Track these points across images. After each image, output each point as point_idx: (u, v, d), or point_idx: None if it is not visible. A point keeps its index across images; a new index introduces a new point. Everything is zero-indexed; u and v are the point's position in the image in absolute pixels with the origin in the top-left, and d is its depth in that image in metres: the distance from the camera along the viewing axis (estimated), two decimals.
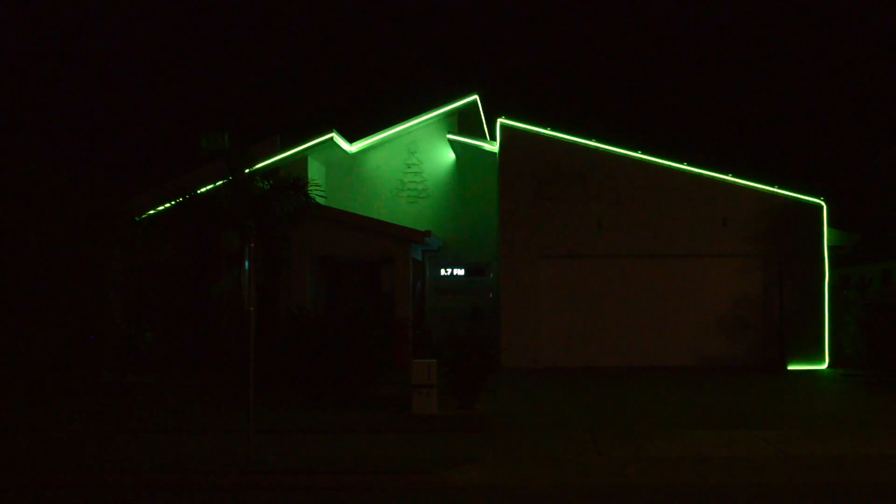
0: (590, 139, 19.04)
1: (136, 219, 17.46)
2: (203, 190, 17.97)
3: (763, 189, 18.80)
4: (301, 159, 20.65)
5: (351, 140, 22.14)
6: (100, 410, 13.64)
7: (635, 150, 18.98)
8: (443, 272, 22.10)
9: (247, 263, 10.49)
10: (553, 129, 19.13)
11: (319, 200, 18.63)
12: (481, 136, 21.94)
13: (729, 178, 18.83)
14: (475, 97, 22.19)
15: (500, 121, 19.21)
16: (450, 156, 22.05)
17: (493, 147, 20.41)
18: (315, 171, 20.84)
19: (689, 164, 18.97)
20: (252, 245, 10.56)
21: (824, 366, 18.28)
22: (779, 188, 18.84)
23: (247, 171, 18.10)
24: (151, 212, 18.17)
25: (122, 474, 9.67)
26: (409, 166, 22.02)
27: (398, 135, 22.08)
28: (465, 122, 22.02)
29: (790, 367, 18.35)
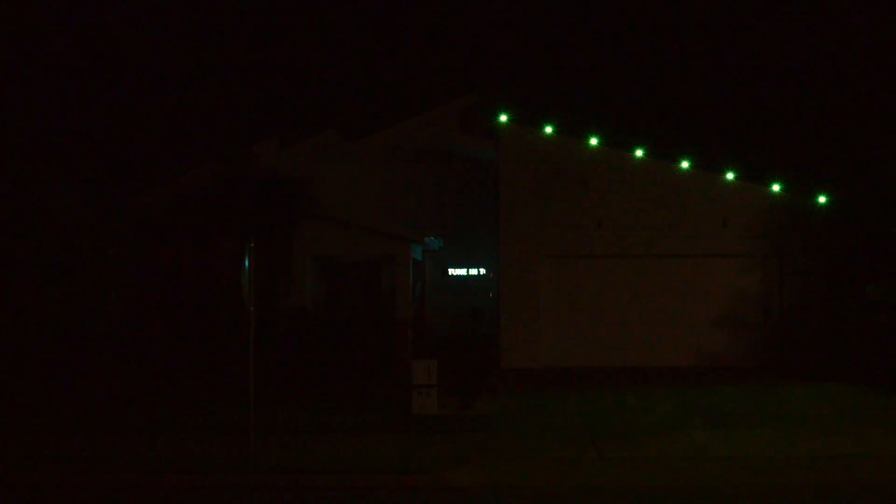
0: (590, 139, 19.03)
1: (136, 219, 17.49)
2: (203, 190, 18.00)
3: (763, 189, 18.78)
4: (301, 159, 20.64)
5: (351, 139, 22.13)
6: (100, 410, 13.64)
7: (635, 150, 18.97)
8: (443, 272, 22.09)
9: (247, 263, 10.49)
10: (554, 129, 19.11)
11: (319, 200, 18.63)
12: (482, 136, 21.91)
13: (729, 178, 18.81)
14: (476, 96, 22.18)
15: (500, 121, 19.20)
16: (450, 155, 22.04)
17: (494, 146, 20.39)
18: (315, 171, 20.79)
19: (689, 164, 18.95)
20: (252, 245, 10.56)
21: (824, 366, 18.24)
22: (779, 188, 18.82)
23: (247, 171, 18.17)
24: (152, 212, 18.18)
25: (123, 474, 9.67)
26: (409, 166, 22.01)
27: (398, 134, 22.07)
28: (465, 122, 22.01)
29: (789, 367, 18.32)
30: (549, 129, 19.08)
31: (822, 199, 18.68)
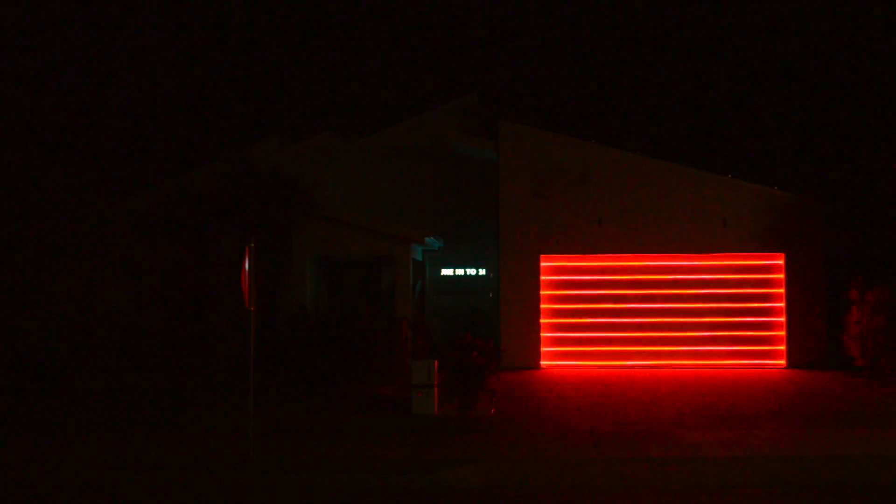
0: (590, 139, 19.06)
1: (136, 219, 17.50)
2: (203, 190, 18.02)
3: (763, 188, 18.80)
4: (301, 159, 20.65)
5: (350, 139, 22.13)
6: (100, 410, 13.64)
7: (635, 150, 18.98)
8: (443, 272, 22.09)
9: (247, 263, 10.48)
10: (554, 129, 19.12)
11: (319, 200, 18.65)
12: (482, 135, 21.93)
13: (729, 177, 18.83)
14: (476, 96, 22.17)
15: (500, 120, 19.21)
16: (450, 155, 22.04)
17: (494, 146, 20.40)
18: (314, 171, 20.82)
19: (688, 164, 18.96)
20: (252, 245, 10.56)
21: (824, 366, 18.26)
22: (779, 188, 18.84)
23: (247, 171, 18.19)
24: (151, 211, 18.19)
25: (123, 474, 9.67)
26: (408, 166, 22.01)
27: (398, 134, 22.07)
28: (465, 121, 22.02)
29: (789, 367, 18.35)
30: (549, 129, 19.09)
31: (821, 199, 18.69)
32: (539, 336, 18.75)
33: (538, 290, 18.79)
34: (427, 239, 19.24)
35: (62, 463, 10.11)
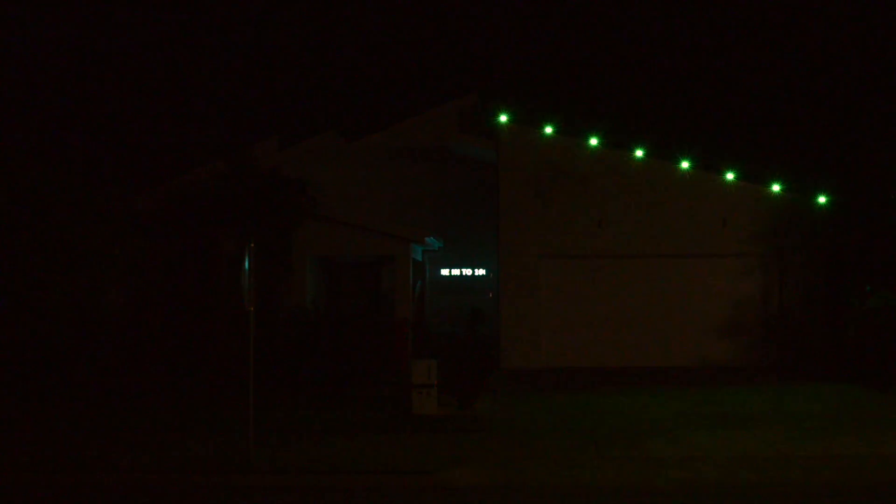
0: (590, 139, 19.03)
1: (136, 219, 17.51)
2: (203, 190, 18.03)
3: (763, 189, 18.79)
4: (301, 159, 20.63)
5: (350, 139, 22.11)
6: (100, 410, 13.64)
7: (635, 150, 18.96)
8: (443, 272, 22.08)
9: (247, 263, 10.48)
10: (553, 129, 19.11)
11: (319, 200, 18.65)
12: (481, 136, 21.89)
13: (729, 178, 18.82)
14: (475, 96, 22.15)
15: (500, 120, 19.20)
16: (450, 155, 22.02)
17: (494, 146, 20.39)
18: (314, 171, 20.78)
19: (689, 164, 18.95)
20: (252, 245, 10.56)
21: (824, 367, 18.24)
22: (779, 188, 18.83)
23: (246, 171, 18.19)
24: (152, 211, 18.20)
25: (123, 474, 9.68)
26: (408, 166, 21.98)
27: (398, 134, 22.04)
28: (465, 122, 21.98)
29: (789, 368, 18.34)
30: (548, 129, 19.07)
31: (821, 199, 18.68)
32: (538, 336, 18.73)
33: (538, 290, 18.77)
34: (427, 239, 19.24)
35: (62, 463, 10.11)
